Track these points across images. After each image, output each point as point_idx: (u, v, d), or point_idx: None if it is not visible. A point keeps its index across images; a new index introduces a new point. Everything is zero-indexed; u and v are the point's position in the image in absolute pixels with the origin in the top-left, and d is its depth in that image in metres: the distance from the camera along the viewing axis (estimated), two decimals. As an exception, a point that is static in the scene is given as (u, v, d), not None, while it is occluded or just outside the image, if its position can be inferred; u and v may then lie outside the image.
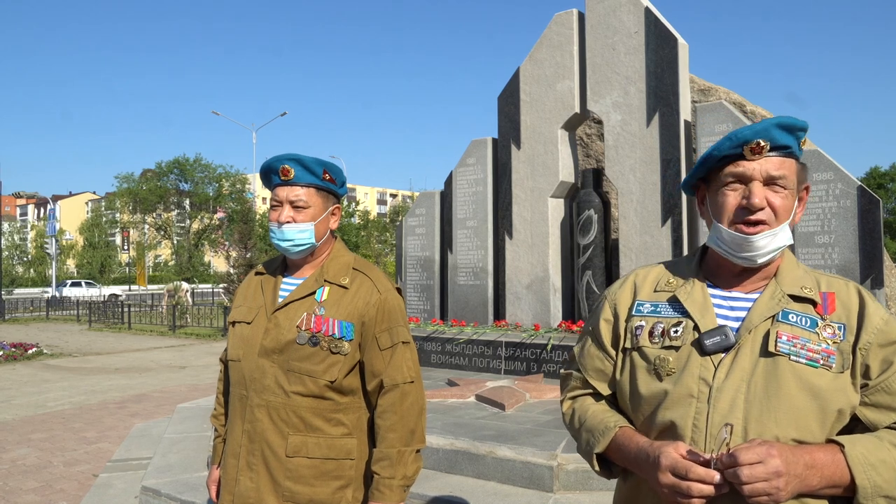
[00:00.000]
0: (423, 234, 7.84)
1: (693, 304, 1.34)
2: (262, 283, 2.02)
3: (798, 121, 1.30)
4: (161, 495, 4.14)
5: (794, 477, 1.14)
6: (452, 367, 6.72)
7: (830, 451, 1.19)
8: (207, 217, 54.90)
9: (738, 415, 1.23)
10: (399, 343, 1.89)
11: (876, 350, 1.24)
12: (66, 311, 27.23)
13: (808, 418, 1.21)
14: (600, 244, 6.63)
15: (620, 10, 6.40)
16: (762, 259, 1.31)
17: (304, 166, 1.90)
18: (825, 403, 1.21)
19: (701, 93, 6.92)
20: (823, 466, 1.17)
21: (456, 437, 4.08)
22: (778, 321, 1.27)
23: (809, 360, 1.23)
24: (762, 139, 1.28)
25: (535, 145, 6.94)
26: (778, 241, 1.29)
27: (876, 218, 5.24)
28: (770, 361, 1.24)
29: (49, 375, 10.65)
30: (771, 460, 1.13)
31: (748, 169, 1.29)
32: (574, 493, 3.60)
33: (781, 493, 1.13)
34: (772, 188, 1.29)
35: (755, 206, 1.27)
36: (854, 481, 1.16)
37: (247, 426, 1.89)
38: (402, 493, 1.82)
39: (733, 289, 1.35)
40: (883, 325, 1.26)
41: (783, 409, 1.21)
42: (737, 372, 1.25)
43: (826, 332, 1.25)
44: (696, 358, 1.29)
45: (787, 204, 1.29)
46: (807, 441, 1.21)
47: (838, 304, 1.29)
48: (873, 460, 1.17)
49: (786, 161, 1.30)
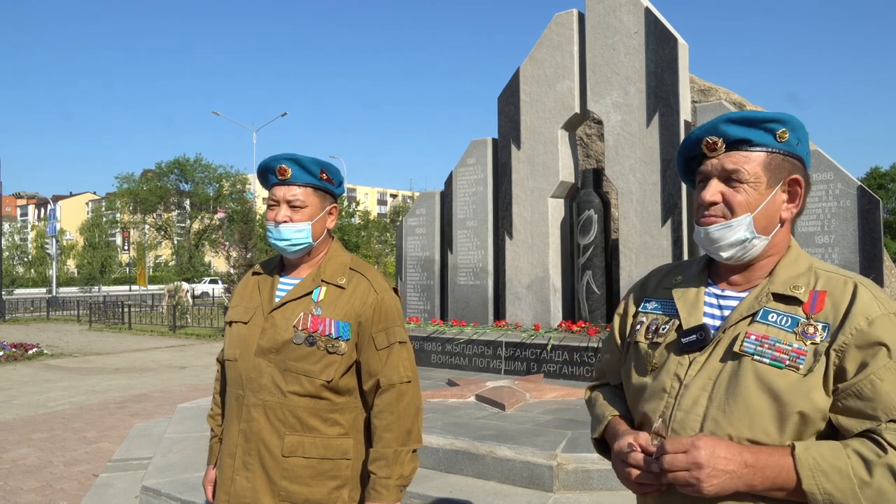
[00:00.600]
0: (423, 234, 7.84)
1: (683, 303, 1.36)
2: (260, 283, 2.02)
3: (757, 113, 1.29)
4: (161, 495, 4.14)
5: (724, 472, 1.14)
6: (453, 367, 6.72)
7: (780, 453, 1.16)
8: (208, 217, 54.93)
9: (698, 412, 1.24)
10: (396, 343, 1.89)
11: (853, 352, 1.18)
12: (67, 311, 27.23)
13: (765, 419, 1.19)
14: (600, 244, 6.63)
15: (620, 10, 6.40)
16: (726, 253, 1.30)
17: (301, 166, 1.90)
18: (784, 405, 1.18)
19: (701, 93, 6.92)
20: (766, 467, 1.15)
21: (456, 437, 4.08)
22: (756, 321, 1.26)
23: (774, 360, 1.20)
24: (711, 136, 1.31)
25: (536, 145, 6.94)
26: (736, 234, 1.27)
27: (876, 218, 5.24)
28: (735, 362, 1.24)
29: (49, 375, 10.66)
30: (694, 451, 1.15)
31: (707, 167, 1.32)
32: (574, 493, 3.60)
33: (703, 484, 1.14)
34: (729, 183, 1.29)
35: (703, 202, 1.31)
36: (801, 486, 1.13)
37: (243, 426, 1.88)
38: (398, 493, 1.82)
39: (729, 287, 1.35)
40: (866, 325, 1.18)
41: (739, 409, 1.21)
42: (706, 370, 1.27)
43: (808, 332, 1.21)
44: (674, 355, 1.32)
45: (748, 199, 1.28)
46: (761, 442, 1.19)
47: (828, 303, 1.23)
48: (826, 467, 1.13)
49: (750, 155, 1.29)
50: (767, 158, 1.29)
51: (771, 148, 1.29)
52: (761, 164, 1.29)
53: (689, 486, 1.17)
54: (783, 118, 1.30)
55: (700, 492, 1.16)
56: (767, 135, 1.29)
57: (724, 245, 1.30)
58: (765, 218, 1.29)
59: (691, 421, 1.25)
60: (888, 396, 1.15)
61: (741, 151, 1.30)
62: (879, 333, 1.18)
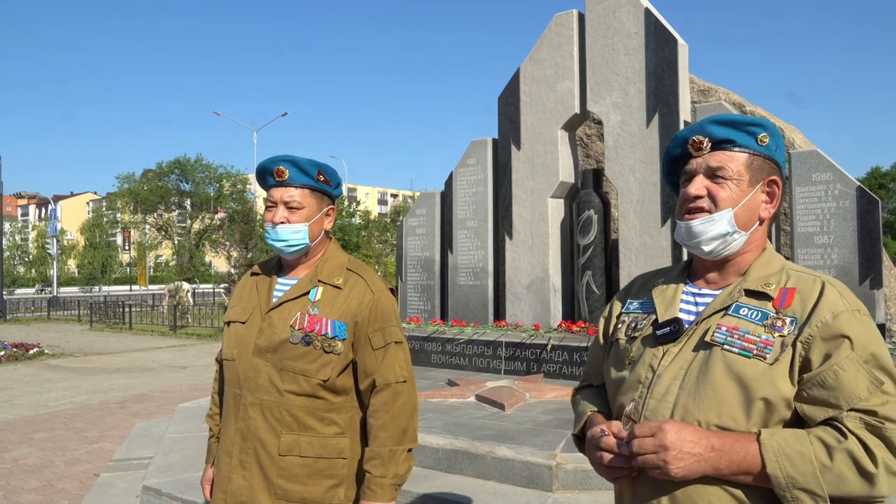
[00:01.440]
0: (423, 234, 7.85)
1: (662, 300, 1.42)
2: (258, 283, 2.03)
3: (741, 117, 1.37)
4: (162, 495, 4.15)
5: (691, 455, 1.19)
6: (453, 367, 6.73)
7: (745, 438, 1.21)
8: (208, 217, 54.98)
9: (670, 400, 1.29)
10: (392, 343, 1.90)
11: (818, 343, 1.23)
12: (68, 311, 27.26)
13: (732, 406, 1.24)
14: (600, 244, 6.64)
15: (620, 10, 6.41)
16: (707, 246, 1.35)
17: (298, 167, 1.92)
18: (750, 392, 1.23)
19: (701, 93, 6.93)
20: (732, 451, 1.20)
21: (456, 437, 4.09)
22: (728, 314, 1.31)
23: (743, 349, 1.25)
24: (698, 135, 1.38)
25: (535, 146, 6.95)
26: (718, 228, 1.33)
27: (875, 218, 5.25)
28: (706, 352, 1.29)
29: (50, 375, 10.68)
30: (661, 434, 1.20)
31: (692, 165, 1.39)
32: (573, 493, 3.61)
33: (670, 466, 1.19)
34: (713, 180, 1.36)
35: (690, 195, 1.37)
36: (766, 470, 1.18)
37: (240, 424, 1.90)
38: (393, 492, 1.83)
39: (706, 285, 1.41)
40: (831, 319, 1.23)
41: (708, 396, 1.25)
42: (678, 360, 1.32)
43: (776, 325, 1.26)
44: (650, 348, 1.37)
45: (731, 195, 1.34)
46: (729, 427, 1.23)
47: (797, 299, 1.29)
48: (790, 452, 1.17)
49: (733, 155, 1.36)
50: (749, 159, 1.37)
51: (753, 150, 1.37)
52: (744, 163, 1.36)
53: (656, 469, 1.22)
54: (765, 124, 1.38)
55: (667, 474, 1.21)
56: (750, 137, 1.37)
57: (705, 239, 1.35)
58: (745, 214, 1.35)
59: (663, 408, 1.29)
60: (849, 386, 1.20)
61: (725, 151, 1.37)
62: (843, 327, 1.23)
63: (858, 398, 1.19)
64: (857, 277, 5.25)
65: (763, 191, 1.38)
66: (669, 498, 1.27)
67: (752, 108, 6.82)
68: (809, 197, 5.50)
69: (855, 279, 5.25)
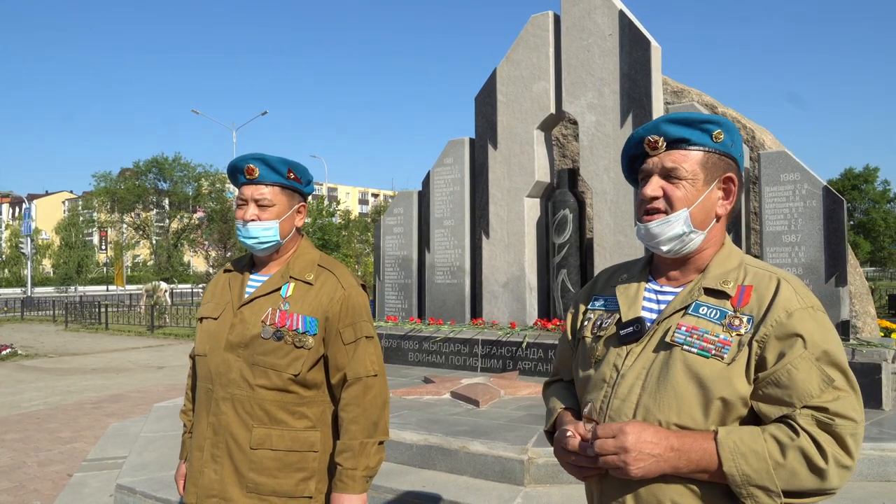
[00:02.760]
0: (401, 233, 7.88)
1: (625, 299, 1.44)
2: (230, 280, 2.06)
3: (695, 114, 1.38)
4: (136, 493, 4.14)
5: (650, 456, 1.23)
6: (430, 365, 6.77)
7: (703, 437, 1.24)
8: (187, 217, 54.40)
9: (632, 400, 1.32)
10: (362, 338, 1.94)
11: (773, 342, 1.26)
12: (42, 311, 26.83)
13: (691, 405, 1.27)
14: (575, 243, 6.72)
15: (595, 12, 6.50)
16: (665, 247, 1.37)
17: (268, 165, 1.95)
18: (708, 392, 1.26)
19: (674, 94, 7.04)
20: (691, 451, 1.23)
21: (430, 433, 4.13)
22: (688, 314, 1.33)
23: (701, 349, 1.28)
24: (653, 135, 1.39)
25: (512, 145, 7.02)
26: (674, 229, 1.35)
27: (840, 218, 5.38)
28: (667, 352, 1.32)
29: (24, 376, 10.53)
30: (621, 436, 1.24)
31: (649, 164, 1.41)
32: (544, 487, 3.67)
33: (630, 467, 1.23)
34: (668, 180, 1.37)
35: (645, 196, 1.39)
36: (722, 468, 1.21)
37: (212, 419, 1.93)
38: (364, 484, 1.87)
39: (667, 283, 1.43)
40: (785, 318, 1.26)
41: (668, 396, 1.28)
42: (641, 360, 1.34)
43: (734, 324, 1.29)
44: (614, 347, 1.40)
45: (686, 194, 1.36)
46: (688, 427, 1.26)
47: (754, 297, 1.31)
48: (744, 450, 1.21)
49: (688, 154, 1.37)
50: (704, 157, 1.38)
51: (708, 147, 1.38)
52: (699, 162, 1.37)
53: (617, 469, 1.25)
54: (719, 120, 1.39)
55: (627, 474, 1.24)
56: (705, 135, 1.38)
57: (663, 239, 1.37)
58: (701, 213, 1.37)
59: (626, 408, 1.32)
60: (802, 384, 1.23)
61: (680, 150, 1.38)
62: (797, 325, 1.26)
63: (810, 395, 1.22)
64: (823, 275, 5.38)
65: (719, 188, 1.39)
66: (634, 496, 1.30)
67: (724, 110, 6.94)
68: (778, 197, 5.62)
69: (821, 277, 5.38)
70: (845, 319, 5.30)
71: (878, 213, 46.08)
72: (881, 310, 15.05)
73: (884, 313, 14.13)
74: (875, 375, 4.76)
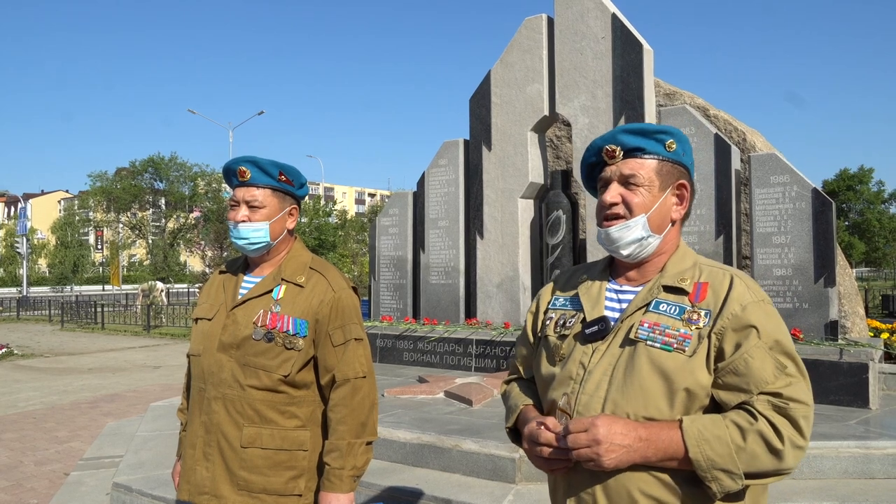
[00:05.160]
0: (396, 233, 7.93)
1: (587, 299, 1.51)
2: (225, 281, 2.11)
3: (649, 125, 1.47)
4: (132, 491, 4.19)
5: (621, 447, 1.29)
6: (424, 365, 6.82)
7: (670, 427, 1.31)
8: (183, 216, 54.33)
9: (600, 395, 1.38)
10: (352, 339, 1.98)
11: (730, 334, 1.34)
12: (38, 311, 26.81)
13: (657, 397, 1.33)
14: (568, 244, 6.78)
15: (588, 15, 6.56)
16: (625, 251, 1.45)
17: (260, 168, 2.00)
18: (672, 384, 1.33)
19: (666, 97, 7.10)
20: (658, 440, 1.30)
21: (423, 432, 4.18)
22: (649, 311, 1.40)
23: (664, 344, 1.35)
24: (611, 145, 1.47)
25: (506, 147, 7.07)
26: (634, 233, 1.43)
27: (829, 219, 5.44)
28: (632, 348, 1.38)
29: (20, 376, 10.56)
30: (593, 429, 1.30)
31: (607, 172, 1.48)
32: (535, 484, 3.73)
33: (603, 458, 1.29)
34: (627, 187, 1.45)
35: (605, 203, 1.46)
36: (688, 455, 1.28)
37: (204, 418, 1.98)
38: (351, 483, 1.92)
39: (627, 283, 1.50)
40: (740, 311, 1.34)
41: (635, 389, 1.35)
42: (607, 357, 1.40)
43: (693, 318, 1.36)
44: (579, 345, 1.45)
45: (643, 200, 1.43)
46: (655, 418, 1.33)
47: (710, 292, 1.39)
48: (708, 436, 1.28)
49: (644, 162, 1.45)
50: (659, 165, 1.46)
51: (661, 156, 1.47)
52: (654, 169, 1.46)
53: (591, 462, 1.32)
54: (671, 130, 1.48)
55: (601, 466, 1.31)
56: (658, 144, 1.46)
57: (623, 244, 1.45)
58: (658, 217, 1.45)
59: (594, 403, 1.38)
60: (758, 372, 1.32)
61: (636, 159, 1.46)
62: (751, 318, 1.35)
63: (766, 382, 1.31)
64: (812, 276, 5.44)
65: (673, 194, 1.47)
66: (603, 487, 1.36)
67: (717, 112, 7.01)
68: (768, 198, 5.68)
69: (810, 278, 5.45)
70: (834, 320, 5.36)
71: (872, 214, 46.28)
72: (875, 310, 15.17)
73: (877, 313, 14.24)
74: (862, 375, 4.82)
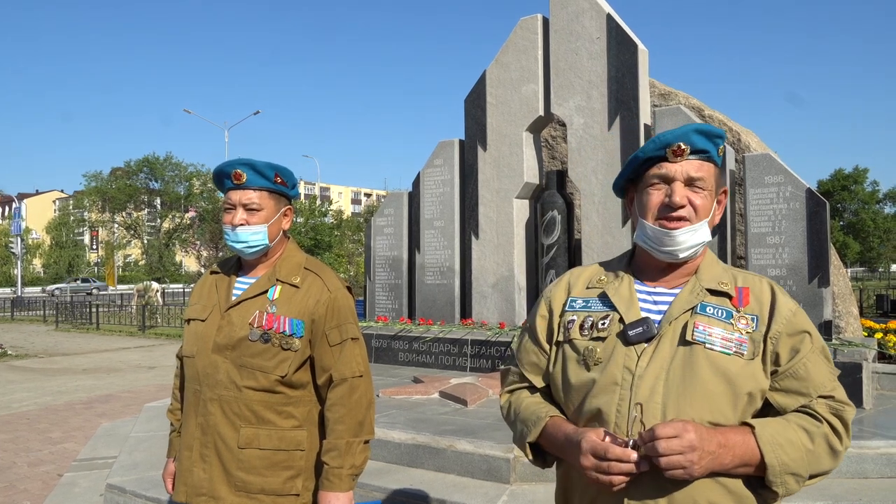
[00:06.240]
0: (391, 234, 7.93)
1: (619, 299, 1.43)
2: (217, 282, 2.10)
3: (715, 129, 1.43)
4: (126, 492, 4.17)
5: (708, 454, 1.23)
6: (419, 365, 6.82)
7: (742, 432, 1.29)
8: (178, 216, 54.23)
9: (657, 400, 1.31)
10: (348, 339, 1.98)
11: (785, 339, 1.35)
12: (32, 311, 26.72)
13: (721, 401, 1.30)
14: (563, 244, 6.79)
15: (583, 16, 6.56)
16: (683, 254, 1.40)
17: (255, 170, 1.99)
18: (736, 387, 1.31)
19: (661, 97, 7.11)
20: (735, 446, 1.27)
21: (418, 432, 4.18)
22: (696, 313, 1.37)
23: (723, 347, 1.33)
24: (682, 142, 1.40)
25: (501, 147, 7.08)
26: (698, 237, 1.39)
27: (822, 219, 5.46)
28: (687, 350, 1.33)
29: (14, 376, 10.51)
30: (686, 435, 1.22)
31: (671, 170, 1.40)
32: (530, 485, 3.73)
33: (695, 466, 1.22)
34: (692, 188, 1.40)
35: (676, 204, 1.38)
36: (764, 460, 1.26)
37: (200, 419, 1.97)
38: (350, 482, 1.92)
39: (658, 284, 1.45)
40: (791, 316, 1.37)
41: (698, 394, 1.30)
42: (657, 360, 1.34)
43: (741, 323, 1.35)
44: (620, 348, 1.37)
45: (706, 204, 1.40)
46: (720, 423, 1.30)
47: (752, 298, 1.39)
48: (781, 440, 1.27)
49: (704, 164, 1.41)
50: (716, 170, 1.45)
51: (715, 161, 1.45)
52: (714, 174, 1.44)
53: (680, 469, 1.23)
54: (724, 135, 1.45)
55: (691, 474, 1.24)
56: (716, 149, 1.44)
57: (686, 247, 1.40)
58: (711, 223, 1.45)
59: (652, 409, 1.31)
60: (817, 376, 1.35)
61: (700, 161, 1.42)
62: (803, 323, 1.39)
63: (823, 386, 1.34)
64: (806, 276, 5.46)
65: (717, 199, 1.46)
66: (668, 499, 1.28)
67: (711, 112, 7.02)
68: (762, 199, 5.70)
69: (804, 278, 5.46)
70: (828, 320, 5.38)
71: (867, 214, 46.45)
72: (869, 309, 15.23)
73: (872, 313, 14.29)
74: (856, 375, 4.84)
